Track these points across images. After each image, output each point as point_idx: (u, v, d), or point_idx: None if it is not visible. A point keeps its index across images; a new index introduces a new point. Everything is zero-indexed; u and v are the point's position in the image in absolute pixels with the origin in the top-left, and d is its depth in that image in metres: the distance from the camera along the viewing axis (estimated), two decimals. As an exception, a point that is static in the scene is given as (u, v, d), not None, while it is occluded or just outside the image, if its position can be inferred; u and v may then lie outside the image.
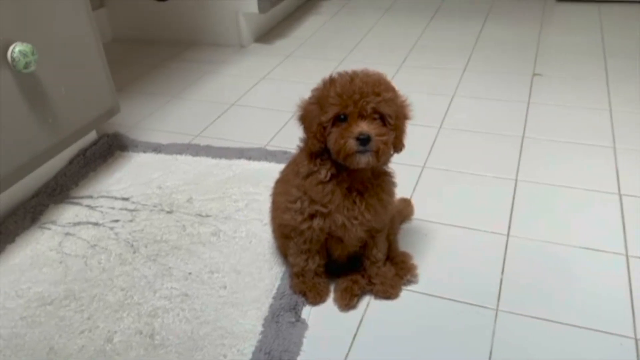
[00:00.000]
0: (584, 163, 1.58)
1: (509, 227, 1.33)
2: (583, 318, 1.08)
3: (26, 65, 1.30)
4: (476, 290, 1.16)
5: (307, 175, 1.03)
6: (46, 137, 1.43)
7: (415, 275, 1.19)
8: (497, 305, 1.12)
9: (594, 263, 1.22)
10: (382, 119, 0.97)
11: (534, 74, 2.13)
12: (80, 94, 1.53)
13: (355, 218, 1.04)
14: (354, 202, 1.03)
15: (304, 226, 1.06)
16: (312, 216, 1.05)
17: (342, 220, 1.04)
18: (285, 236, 1.13)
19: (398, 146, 1.02)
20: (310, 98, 1.02)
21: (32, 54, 1.30)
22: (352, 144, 0.94)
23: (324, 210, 1.03)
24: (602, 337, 1.04)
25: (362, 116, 0.95)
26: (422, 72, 2.21)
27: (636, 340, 1.03)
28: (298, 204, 1.05)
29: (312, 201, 1.04)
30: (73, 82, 1.49)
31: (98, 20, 2.61)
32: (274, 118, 1.90)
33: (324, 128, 0.97)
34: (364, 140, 0.94)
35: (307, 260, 1.12)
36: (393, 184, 1.10)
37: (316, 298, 1.14)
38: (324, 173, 1.02)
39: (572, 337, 1.05)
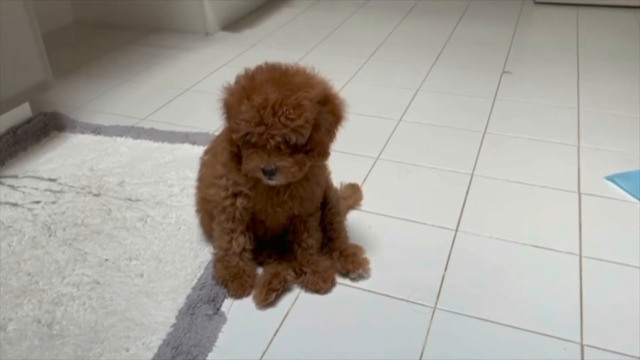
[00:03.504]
0: (545, 160, 1.49)
1: (459, 222, 1.24)
2: (526, 320, 0.99)
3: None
4: (415, 286, 1.06)
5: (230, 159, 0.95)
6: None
7: (367, 270, 1.09)
8: (436, 303, 1.02)
9: (544, 262, 1.13)
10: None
11: (504, 72, 2.05)
12: (3, 63, 1.41)
13: (279, 205, 0.97)
14: (277, 193, 0.96)
15: (227, 203, 0.99)
16: (235, 195, 0.98)
17: (264, 205, 0.97)
18: (209, 213, 1.05)
19: (322, 155, 0.92)
20: (236, 85, 0.89)
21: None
22: (259, 172, 0.88)
23: (248, 192, 0.97)
24: (544, 341, 0.95)
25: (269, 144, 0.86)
26: (388, 66, 2.12)
27: (582, 345, 0.94)
28: (223, 181, 0.98)
29: (236, 182, 0.96)
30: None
31: (60, 2, 2.51)
32: (228, 105, 1.80)
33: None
34: (269, 172, 0.87)
35: (230, 241, 1.02)
36: (323, 172, 1.03)
37: (238, 291, 1.03)
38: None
39: (512, 339, 0.95)
